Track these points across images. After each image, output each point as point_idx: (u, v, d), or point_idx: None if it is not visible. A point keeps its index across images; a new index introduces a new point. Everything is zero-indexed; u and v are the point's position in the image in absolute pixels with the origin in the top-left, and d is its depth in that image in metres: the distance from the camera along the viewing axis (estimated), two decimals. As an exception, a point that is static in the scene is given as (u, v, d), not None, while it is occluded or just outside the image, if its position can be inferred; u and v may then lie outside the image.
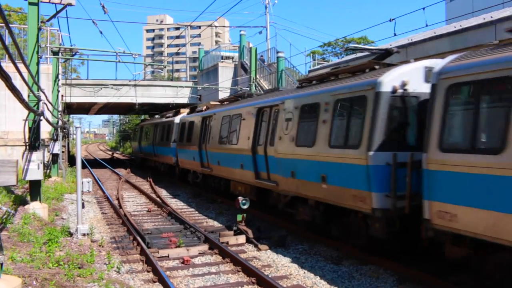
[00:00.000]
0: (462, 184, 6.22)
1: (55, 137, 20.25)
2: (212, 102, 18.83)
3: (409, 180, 7.31)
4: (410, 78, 7.82)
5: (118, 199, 17.16)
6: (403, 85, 7.77)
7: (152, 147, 27.43)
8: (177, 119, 22.27)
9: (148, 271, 8.19)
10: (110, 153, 61.86)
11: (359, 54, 21.65)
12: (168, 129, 23.47)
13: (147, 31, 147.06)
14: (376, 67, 8.87)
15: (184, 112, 22.54)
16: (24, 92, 9.54)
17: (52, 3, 13.34)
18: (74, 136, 26.18)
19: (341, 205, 8.71)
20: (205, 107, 18.61)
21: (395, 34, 13.34)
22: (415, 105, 7.92)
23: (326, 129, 9.03)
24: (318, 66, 25.34)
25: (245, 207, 11.22)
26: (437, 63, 7.07)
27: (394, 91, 7.75)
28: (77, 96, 29.85)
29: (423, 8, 12.42)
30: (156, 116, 30.12)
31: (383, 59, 9.72)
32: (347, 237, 9.15)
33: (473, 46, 7.27)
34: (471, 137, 6.19)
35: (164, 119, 25.48)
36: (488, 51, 6.37)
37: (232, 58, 32.48)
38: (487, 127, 6.16)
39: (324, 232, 10.04)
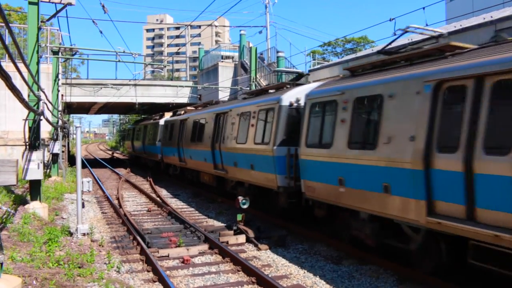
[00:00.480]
0: (316, 167, 9.47)
1: (55, 137, 20.25)
2: (188, 108, 22.13)
3: (294, 166, 10.59)
4: (302, 96, 10.95)
5: (118, 198, 17.16)
6: (297, 101, 11.06)
7: (142, 146, 30.82)
8: (161, 121, 25.41)
9: (148, 271, 8.19)
10: (110, 152, 61.88)
11: (358, 54, 21.70)
12: (154, 130, 26.76)
13: (147, 30, 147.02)
14: (287, 86, 12.30)
15: (168, 115, 25.59)
16: (24, 92, 9.53)
17: (52, 2, 13.32)
18: (74, 135, 26.20)
19: (262, 186, 12.01)
20: (183, 112, 21.95)
21: (394, 34, 13.33)
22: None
23: (252, 130, 12.39)
24: (318, 66, 25.32)
25: (245, 207, 11.23)
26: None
27: (291, 105, 11.07)
28: (77, 95, 29.82)
29: (423, 8, 12.41)
30: (144, 119, 34.07)
31: (298, 79, 13.85)
32: (268, 208, 12.50)
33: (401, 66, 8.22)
34: (319, 137, 9.49)
35: (151, 121, 28.82)
36: (330, 83, 9.89)
37: (232, 57, 32.45)
38: (324, 131, 9.29)
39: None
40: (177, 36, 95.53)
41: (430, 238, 7.11)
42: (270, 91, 13.19)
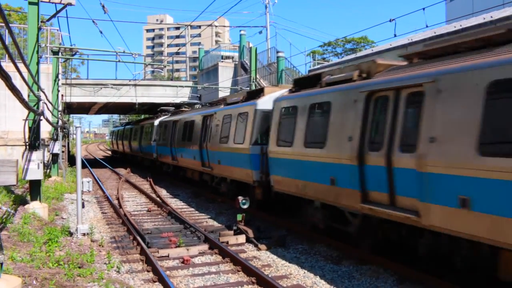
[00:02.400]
0: (281, 164, 10.80)
1: (55, 137, 20.25)
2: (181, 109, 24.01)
3: (265, 163, 11.86)
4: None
5: (118, 198, 17.16)
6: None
7: (139, 146, 31.92)
8: (156, 122, 26.58)
9: (148, 271, 8.19)
10: (110, 152, 61.85)
11: (358, 54, 21.71)
12: (150, 130, 27.86)
13: (147, 30, 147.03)
14: (261, 95, 13.26)
15: (162, 117, 26.95)
16: (24, 92, 9.54)
17: (52, 2, 13.33)
18: (74, 135, 26.19)
19: (241, 180, 13.49)
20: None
21: (395, 35, 13.35)
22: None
23: (232, 131, 13.89)
24: (318, 66, 25.32)
25: (245, 206, 11.24)
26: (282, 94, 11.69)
27: (263, 109, 12.43)
28: (77, 95, 29.82)
29: (423, 9, 12.40)
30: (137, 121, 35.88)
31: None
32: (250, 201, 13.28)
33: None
34: (283, 138, 10.77)
35: (147, 122, 30.18)
36: (294, 92, 10.95)
37: (232, 58, 32.43)
38: (288, 132, 10.56)
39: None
40: (177, 36, 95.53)
41: (366, 222, 8.37)
42: (233, 99, 15.23)
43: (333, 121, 8.80)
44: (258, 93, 13.64)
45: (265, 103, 12.47)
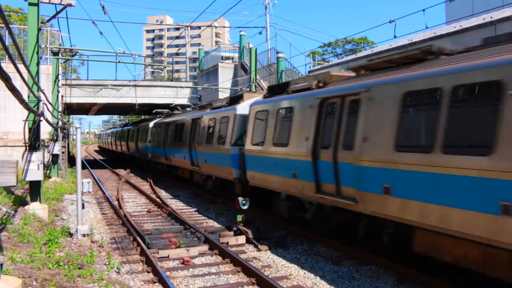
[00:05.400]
0: (255, 161, 12.12)
1: (55, 138, 20.25)
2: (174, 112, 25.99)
3: (243, 161, 13.06)
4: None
5: (118, 199, 17.15)
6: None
7: (136, 147, 33.35)
8: (151, 124, 28.07)
9: (148, 272, 8.19)
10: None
11: (358, 55, 21.71)
12: (146, 132, 29.26)
13: (147, 31, 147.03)
14: (240, 100, 14.67)
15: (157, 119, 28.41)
16: (24, 93, 9.54)
17: (52, 3, 13.34)
18: (74, 136, 26.17)
19: (224, 178, 14.94)
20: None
21: (395, 37, 13.36)
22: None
23: (216, 133, 15.48)
24: (318, 67, 25.33)
25: (245, 207, 11.24)
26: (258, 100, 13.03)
27: (242, 114, 13.75)
28: (77, 96, 29.83)
29: (423, 10, 12.38)
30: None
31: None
32: (230, 196, 15.10)
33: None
34: (257, 137, 12.05)
35: (142, 124, 31.78)
36: (267, 98, 12.28)
37: (232, 58, 32.42)
38: (260, 132, 11.92)
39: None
40: (177, 37, 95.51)
41: (320, 209, 9.72)
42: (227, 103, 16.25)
43: (295, 123, 10.24)
44: (238, 99, 14.99)
45: (243, 108, 13.90)
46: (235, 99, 15.43)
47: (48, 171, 20.02)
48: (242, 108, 13.99)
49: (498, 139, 5.55)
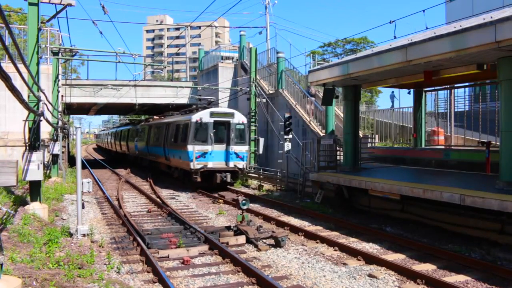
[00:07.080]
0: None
1: (55, 138, 20.25)
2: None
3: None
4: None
5: (118, 199, 17.15)
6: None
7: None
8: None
9: (148, 272, 8.18)
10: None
11: (358, 55, 21.68)
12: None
13: (147, 31, 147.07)
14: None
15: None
16: (24, 93, 9.53)
17: (52, 3, 13.33)
18: (74, 136, 26.17)
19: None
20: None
21: (395, 37, 13.35)
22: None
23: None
24: (318, 67, 25.30)
25: (245, 207, 11.23)
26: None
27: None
28: (77, 96, 29.82)
29: (423, 10, 12.38)
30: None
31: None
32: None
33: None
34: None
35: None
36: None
37: (232, 58, 32.38)
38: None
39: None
40: (177, 37, 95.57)
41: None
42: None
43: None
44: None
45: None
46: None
47: (48, 171, 20.02)
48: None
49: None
